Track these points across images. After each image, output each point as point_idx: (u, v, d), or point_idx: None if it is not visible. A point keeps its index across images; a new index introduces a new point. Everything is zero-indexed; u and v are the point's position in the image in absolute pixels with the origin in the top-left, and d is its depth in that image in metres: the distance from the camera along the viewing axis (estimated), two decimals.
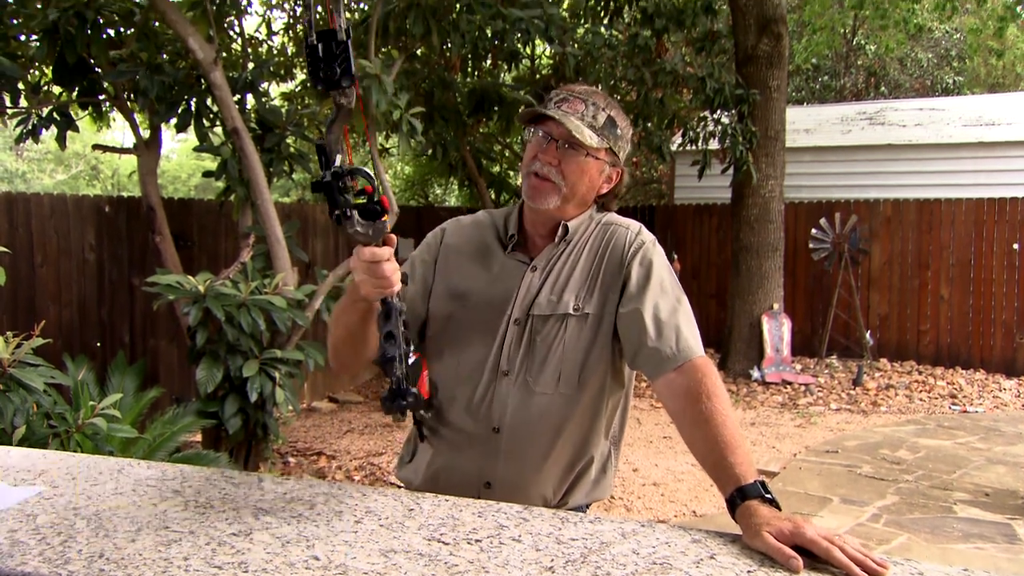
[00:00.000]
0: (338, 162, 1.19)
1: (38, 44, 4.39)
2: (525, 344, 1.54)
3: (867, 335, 8.43)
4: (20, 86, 4.39)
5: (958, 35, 15.85)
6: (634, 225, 1.61)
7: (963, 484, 4.80)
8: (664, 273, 1.54)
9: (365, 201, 1.22)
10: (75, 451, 2.90)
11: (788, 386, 7.64)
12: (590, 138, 1.51)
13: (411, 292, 1.61)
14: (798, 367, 8.26)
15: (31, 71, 4.89)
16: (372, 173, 1.19)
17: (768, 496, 1.19)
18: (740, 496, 1.20)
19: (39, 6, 4.43)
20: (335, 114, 1.19)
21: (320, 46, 1.11)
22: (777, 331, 7.95)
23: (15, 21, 4.55)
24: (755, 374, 7.85)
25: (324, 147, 1.18)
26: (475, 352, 1.57)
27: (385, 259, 1.27)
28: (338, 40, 1.10)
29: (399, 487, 1.71)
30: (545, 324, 1.54)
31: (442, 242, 1.67)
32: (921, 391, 7.50)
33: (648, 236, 1.59)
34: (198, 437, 4.77)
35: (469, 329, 1.58)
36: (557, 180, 1.53)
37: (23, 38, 4.69)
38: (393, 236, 1.29)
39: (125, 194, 8.13)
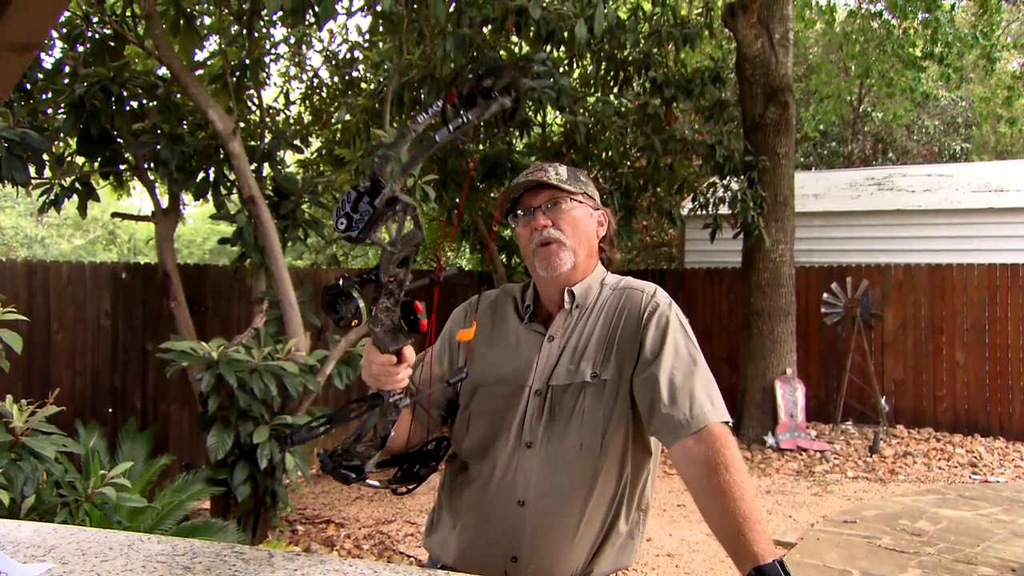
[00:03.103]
0: (343, 283, 1.20)
1: (64, 117, 4.53)
2: (546, 415, 1.54)
3: (882, 401, 8.32)
4: (45, 157, 4.51)
5: (964, 103, 16.07)
6: (649, 287, 1.62)
7: (987, 558, 4.67)
8: (679, 336, 1.54)
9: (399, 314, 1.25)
10: (83, 520, 2.88)
11: (803, 453, 7.52)
12: (568, 187, 1.58)
13: (439, 373, 1.64)
14: (813, 433, 8.14)
15: (56, 143, 5.03)
16: (362, 308, 1.20)
17: None
18: None
19: (67, 81, 4.59)
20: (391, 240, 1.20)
21: (354, 193, 1.11)
22: (791, 396, 7.87)
23: (44, 96, 4.70)
24: (769, 440, 7.74)
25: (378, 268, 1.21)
26: (498, 425, 1.57)
27: (377, 363, 1.29)
28: (369, 198, 1.10)
29: (410, 557, 1.69)
30: (564, 394, 1.54)
31: (466, 319, 1.71)
32: (940, 459, 7.36)
33: (664, 298, 1.60)
34: (207, 504, 4.72)
35: (492, 402, 1.59)
36: (561, 236, 1.57)
37: (50, 111, 4.85)
38: (410, 351, 1.31)
39: (141, 259, 8.25)
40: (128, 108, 4.69)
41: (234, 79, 5.04)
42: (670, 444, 1.44)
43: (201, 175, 4.86)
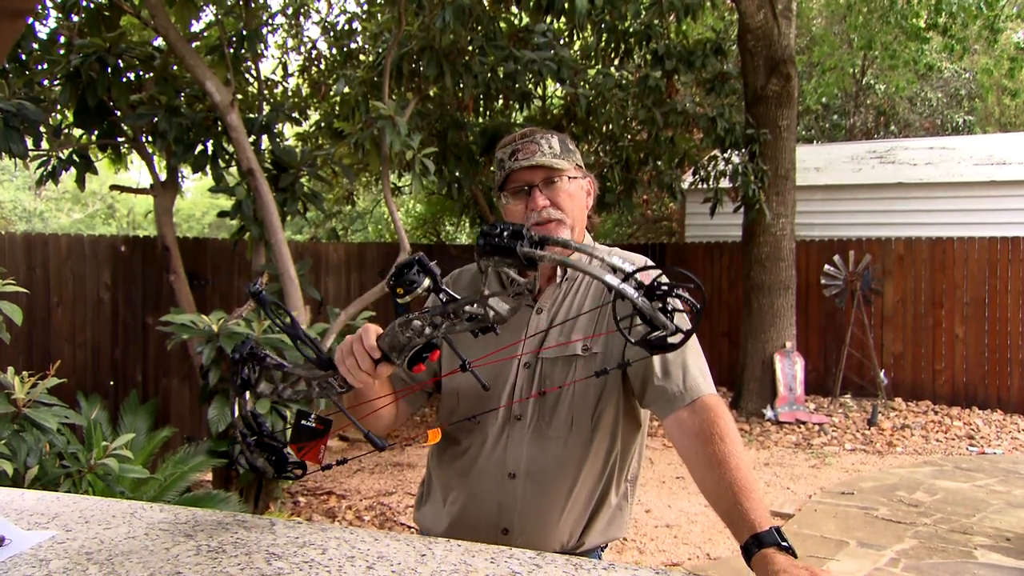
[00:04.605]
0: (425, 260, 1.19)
1: (61, 88, 4.50)
2: (536, 388, 1.54)
3: (881, 374, 8.34)
4: (42, 129, 4.48)
5: (967, 75, 15.94)
6: (640, 260, 1.61)
7: (983, 528, 4.71)
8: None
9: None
10: (87, 491, 2.90)
11: (802, 426, 7.56)
12: (561, 164, 1.55)
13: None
14: (812, 406, 8.17)
15: (53, 114, 5.00)
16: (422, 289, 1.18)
17: (784, 544, 1.17)
18: (756, 544, 1.18)
19: (62, 52, 4.55)
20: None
21: (521, 232, 1.09)
22: (790, 370, 7.89)
23: (40, 67, 4.66)
24: (768, 413, 7.78)
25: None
26: (487, 398, 1.56)
27: (367, 344, 1.29)
28: (521, 243, 1.08)
29: (410, 528, 1.70)
30: (555, 367, 1.53)
31: None
32: (937, 431, 7.40)
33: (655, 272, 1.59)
34: (209, 476, 4.75)
35: (481, 375, 1.58)
36: (559, 216, 1.55)
37: (47, 83, 4.80)
38: (386, 371, 1.31)
39: (140, 233, 8.24)
40: (125, 79, 4.65)
41: (231, 50, 4.99)
42: (664, 416, 1.44)
43: (199, 148, 4.83)
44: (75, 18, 4.77)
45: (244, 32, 5.03)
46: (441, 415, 1.64)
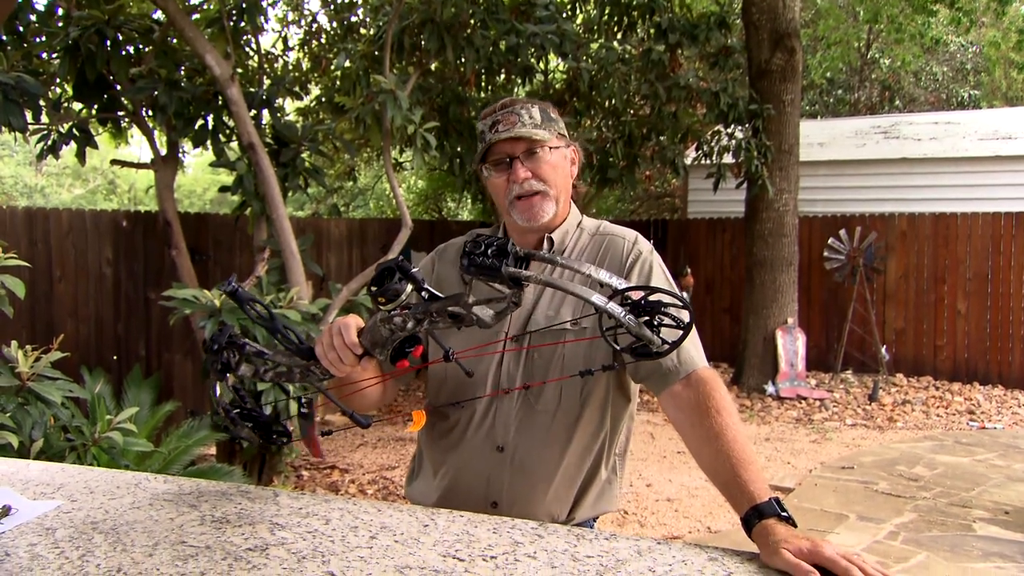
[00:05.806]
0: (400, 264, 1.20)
1: (59, 61, 4.47)
2: (524, 361, 1.53)
3: (883, 350, 8.35)
4: (41, 103, 4.46)
5: (974, 48, 15.78)
6: (630, 234, 1.59)
7: (982, 502, 4.74)
8: (662, 283, 1.51)
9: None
10: (92, 464, 2.92)
11: (803, 401, 7.59)
12: (542, 134, 1.52)
13: None
14: (813, 382, 8.20)
15: (52, 88, 4.96)
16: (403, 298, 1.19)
17: (784, 514, 1.18)
18: (756, 515, 1.18)
19: (60, 24, 4.51)
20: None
21: (501, 246, 1.11)
22: (792, 346, 7.90)
23: (38, 39, 4.63)
24: (769, 389, 7.80)
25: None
26: (475, 372, 1.54)
27: (348, 341, 1.28)
28: (507, 260, 1.10)
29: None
30: (543, 340, 1.51)
31: (434, 270, 1.66)
32: (938, 407, 7.42)
33: (645, 245, 1.57)
34: (213, 450, 4.79)
35: (467, 349, 1.57)
36: (541, 187, 1.53)
37: (45, 55, 4.77)
38: (372, 365, 1.32)
39: (142, 208, 8.22)
40: (124, 52, 4.62)
41: (231, 23, 4.95)
42: (659, 391, 1.44)
43: (200, 122, 4.81)
44: None
45: (244, 5, 4.98)
46: (429, 394, 1.64)
